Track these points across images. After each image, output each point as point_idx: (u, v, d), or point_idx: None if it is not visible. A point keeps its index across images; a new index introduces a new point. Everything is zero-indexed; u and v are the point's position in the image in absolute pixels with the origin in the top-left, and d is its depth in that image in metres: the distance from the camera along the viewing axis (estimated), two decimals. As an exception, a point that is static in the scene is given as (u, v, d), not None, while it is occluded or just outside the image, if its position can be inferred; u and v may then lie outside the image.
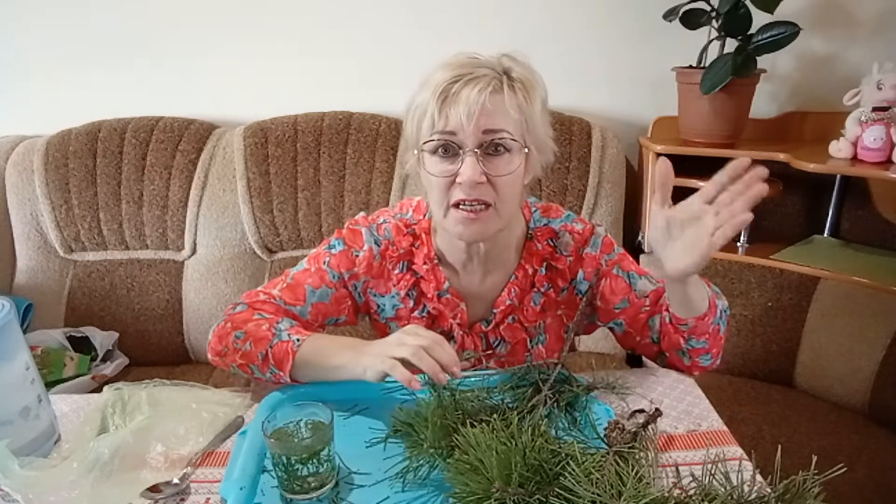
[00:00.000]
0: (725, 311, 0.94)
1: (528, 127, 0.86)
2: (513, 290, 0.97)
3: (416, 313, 0.99)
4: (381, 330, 1.03)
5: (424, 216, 0.99)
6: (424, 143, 0.85)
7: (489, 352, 1.01)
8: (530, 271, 0.97)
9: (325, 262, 0.98)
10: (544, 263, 0.98)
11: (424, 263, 0.97)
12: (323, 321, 0.99)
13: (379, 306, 1.01)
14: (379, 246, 0.98)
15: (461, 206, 0.85)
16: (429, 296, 0.97)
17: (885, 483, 1.22)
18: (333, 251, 0.98)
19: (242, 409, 0.92)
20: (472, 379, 0.89)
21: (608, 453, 0.69)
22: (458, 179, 0.83)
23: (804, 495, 0.60)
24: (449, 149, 0.84)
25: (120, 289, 1.77)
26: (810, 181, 1.66)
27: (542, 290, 0.98)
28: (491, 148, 0.83)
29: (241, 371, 0.91)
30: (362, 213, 1.02)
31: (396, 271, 0.98)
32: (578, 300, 0.99)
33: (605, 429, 0.76)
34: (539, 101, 0.86)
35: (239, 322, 0.92)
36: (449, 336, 0.99)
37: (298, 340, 0.87)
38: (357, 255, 0.97)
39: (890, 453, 1.30)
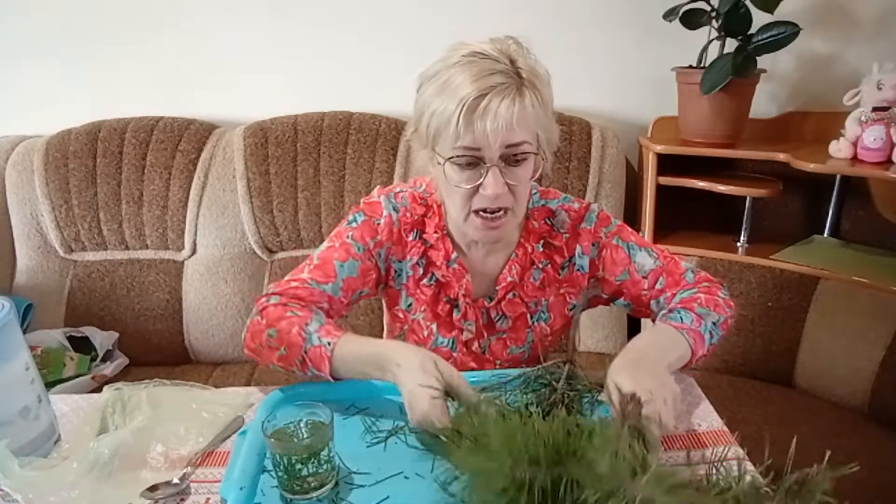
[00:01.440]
0: (715, 329, 0.96)
1: (541, 127, 0.89)
2: (513, 266, 1.01)
3: (424, 281, 1.02)
4: (392, 297, 1.06)
5: (436, 191, 1.01)
6: (449, 157, 0.87)
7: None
8: (529, 249, 1.01)
9: (348, 237, 1.00)
10: (541, 241, 1.02)
11: (435, 232, 1.01)
12: (352, 297, 1.01)
13: (396, 272, 1.04)
14: (397, 212, 1.01)
15: (481, 214, 0.90)
16: (437, 264, 1.01)
17: (885, 483, 1.22)
18: (355, 224, 1.00)
19: (242, 409, 0.92)
20: (485, 378, 0.90)
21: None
22: (481, 191, 0.87)
23: (813, 488, 0.60)
24: (472, 162, 0.87)
25: (120, 289, 1.77)
26: (810, 181, 1.66)
27: (541, 266, 1.02)
28: (511, 159, 0.87)
29: (281, 369, 0.92)
30: (377, 187, 1.05)
31: (410, 238, 1.01)
32: (580, 278, 1.03)
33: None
34: (547, 94, 0.89)
35: (272, 319, 0.91)
36: (454, 304, 1.02)
37: (329, 344, 0.87)
38: (378, 224, 1.00)
39: (890, 453, 1.30)
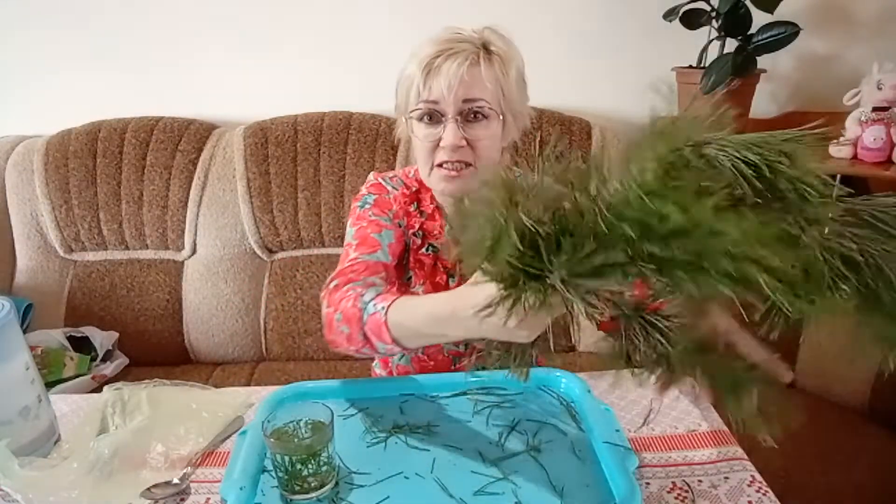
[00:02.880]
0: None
1: (503, 96, 0.93)
2: None
3: (422, 250, 1.04)
4: (398, 272, 1.07)
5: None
6: (411, 111, 0.93)
7: None
8: None
9: (371, 215, 1.01)
10: None
11: (431, 203, 1.04)
12: (396, 260, 1.01)
13: (406, 244, 1.06)
14: (396, 190, 1.04)
15: (444, 166, 0.93)
16: (434, 233, 1.04)
17: (885, 483, 1.22)
18: (369, 205, 1.02)
19: (242, 409, 0.92)
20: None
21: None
22: (441, 143, 0.92)
23: None
24: (433, 116, 0.93)
25: (120, 289, 1.77)
26: (810, 181, 1.66)
27: None
28: (470, 115, 0.92)
29: (365, 355, 0.87)
30: (372, 172, 1.08)
31: (411, 209, 1.04)
32: None
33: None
34: (514, 71, 0.95)
35: (337, 303, 0.88)
36: (450, 275, 1.05)
37: (383, 309, 0.81)
38: (388, 198, 1.04)
39: (890, 453, 1.30)
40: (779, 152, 0.56)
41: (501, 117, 0.94)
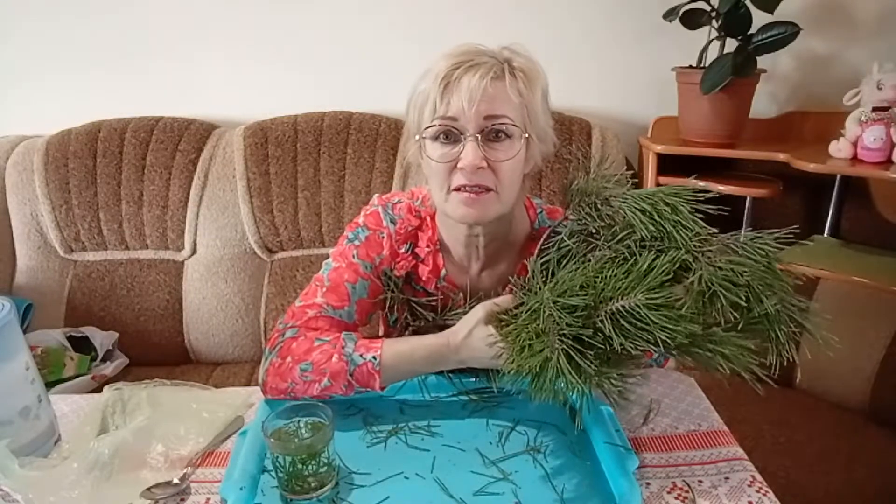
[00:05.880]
0: (659, 360, 0.99)
1: (528, 114, 0.87)
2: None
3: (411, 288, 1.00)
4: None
5: (430, 205, 0.99)
6: (426, 128, 0.86)
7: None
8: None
9: (354, 256, 0.97)
10: None
11: (427, 247, 0.98)
12: (366, 318, 0.99)
13: (386, 294, 1.01)
14: (394, 224, 0.98)
15: (462, 190, 0.85)
16: (424, 279, 0.98)
17: (885, 483, 1.22)
18: (358, 242, 0.98)
19: (242, 409, 0.93)
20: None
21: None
22: (459, 164, 0.84)
23: None
24: (450, 135, 0.85)
25: (120, 289, 1.77)
26: (810, 181, 1.66)
27: None
28: (492, 134, 0.84)
29: (316, 399, 0.87)
30: (376, 195, 1.02)
31: (402, 250, 0.99)
32: None
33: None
34: (540, 90, 0.88)
35: (300, 354, 0.88)
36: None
37: (375, 359, 0.85)
38: (382, 237, 0.98)
39: (890, 453, 1.30)
40: (664, 202, 0.76)
41: (525, 138, 0.86)
